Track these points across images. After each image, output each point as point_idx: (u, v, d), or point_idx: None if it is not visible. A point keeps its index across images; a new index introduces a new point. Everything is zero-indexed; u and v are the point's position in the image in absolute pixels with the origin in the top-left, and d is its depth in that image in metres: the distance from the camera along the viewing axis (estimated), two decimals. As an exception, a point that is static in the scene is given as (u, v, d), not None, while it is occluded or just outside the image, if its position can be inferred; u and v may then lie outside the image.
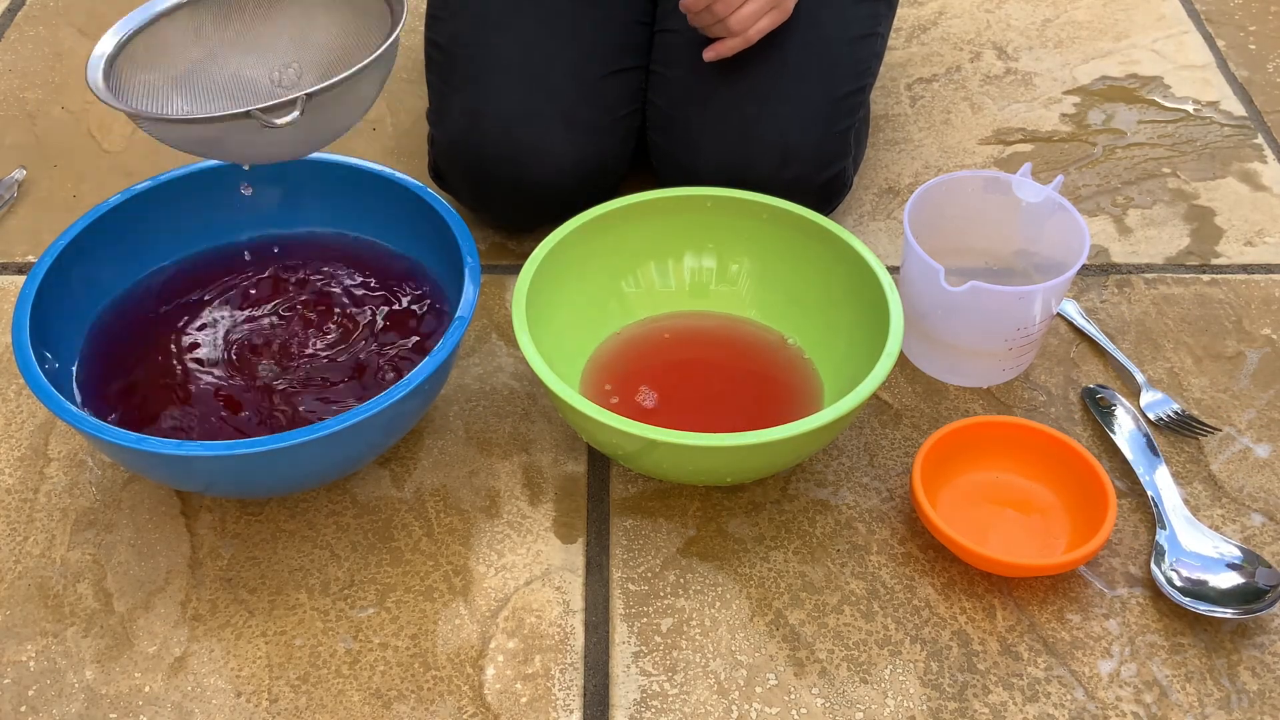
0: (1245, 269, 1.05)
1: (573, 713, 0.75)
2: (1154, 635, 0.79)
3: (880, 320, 0.84)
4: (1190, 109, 1.22)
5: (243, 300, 0.93)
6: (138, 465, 0.80)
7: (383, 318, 0.92)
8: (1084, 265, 1.05)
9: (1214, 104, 1.23)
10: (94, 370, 0.86)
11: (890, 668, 0.77)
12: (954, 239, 0.95)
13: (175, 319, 0.92)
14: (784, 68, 0.97)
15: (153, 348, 0.89)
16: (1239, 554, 0.81)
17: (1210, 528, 0.84)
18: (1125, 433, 0.89)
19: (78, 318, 0.88)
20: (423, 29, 1.07)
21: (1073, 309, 1.00)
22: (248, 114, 0.72)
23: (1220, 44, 1.31)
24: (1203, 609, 0.78)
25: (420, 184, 0.91)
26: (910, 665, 0.77)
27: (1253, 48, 1.31)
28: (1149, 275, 1.04)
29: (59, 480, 0.88)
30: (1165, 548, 0.81)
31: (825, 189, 0.99)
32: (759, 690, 0.76)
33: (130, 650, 0.78)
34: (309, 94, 0.72)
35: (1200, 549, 0.81)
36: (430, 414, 0.92)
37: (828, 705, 0.75)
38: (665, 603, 0.80)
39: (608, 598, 0.81)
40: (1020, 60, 1.29)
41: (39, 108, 1.22)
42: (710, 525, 0.85)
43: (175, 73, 0.83)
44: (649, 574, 0.82)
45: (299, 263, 0.95)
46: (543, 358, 0.80)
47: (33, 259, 1.06)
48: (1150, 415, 0.91)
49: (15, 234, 1.09)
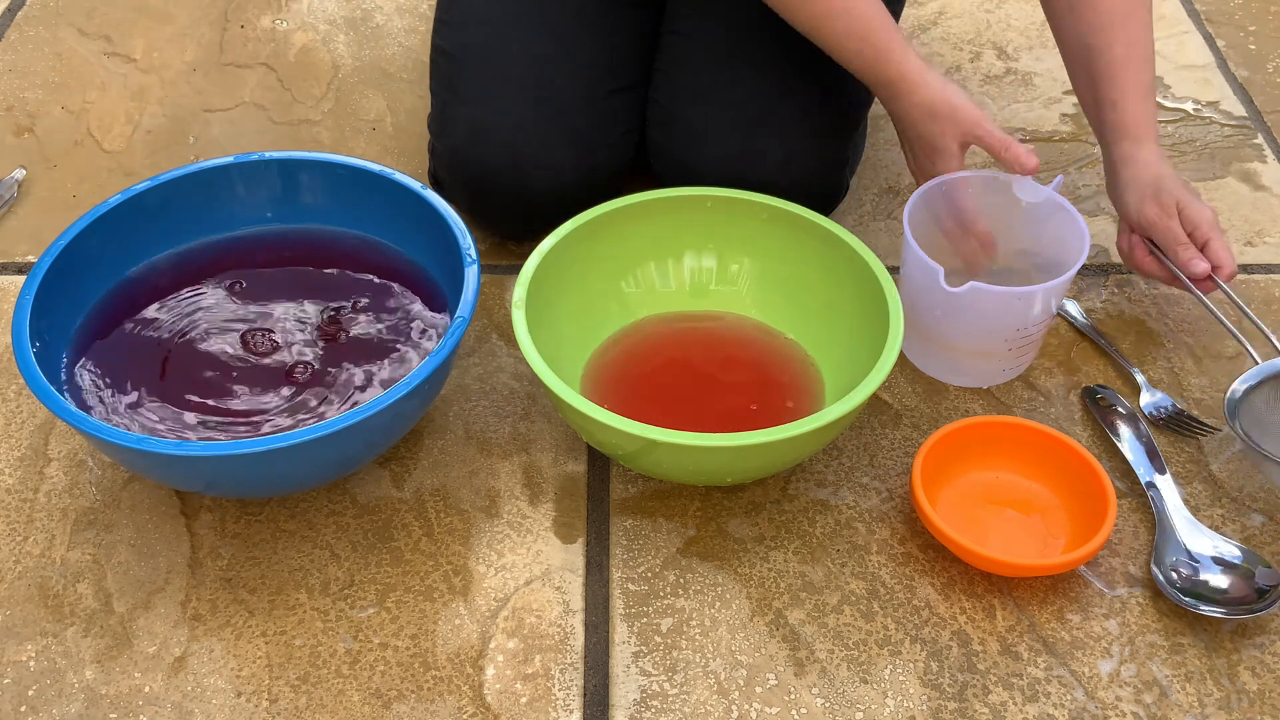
0: (1245, 269, 1.05)
1: (573, 712, 0.75)
2: (1154, 635, 0.79)
3: (880, 320, 0.84)
4: (1190, 109, 1.22)
5: (242, 299, 0.93)
6: (138, 465, 0.80)
7: (382, 317, 0.92)
8: (1084, 265, 1.05)
9: (1214, 104, 1.23)
10: (95, 370, 0.86)
11: (890, 668, 0.77)
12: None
13: (175, 318, 0.91)
14: (791, 73, 0.97)
15: (154, 347, 0.89)
16: (1239, 554, 0.81)
17: (1210, 527, 0.84)
18: (1125, 433, 0.89)
19: (78, 318, 0.88)
20: (427, 31, 1.06)
21: (1073, 309, 1.00)
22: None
23: (1220, 44, 1.31)
24: (1203, 609, 0.78)
25: (420, 184, 0.91)
26: (910, 665, 0.77)
27: (1253, 48, 1.31)
28: (1149, 275, 1.04)
29: (59, 480, 0.88)
30: (1165, 548, 0.81)
31: (823, 194, 0.99)
32: (759, 690, 0.76)
33: (130, 650, 0.78)
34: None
35: (1200, 549, 0.81)
36: (430, 414, 0.92)
37: (828, 705, 0.75)
38: (665, 603, 0.80)
39: (608, 598, 0.81)
40: (1020, 60, 1.29)
41: (39, 108, 1.22)
42: (710, 525, 0.85)
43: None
44: (649, 574, 0.82)
45: (299, 263, 0.95)
46: (543, 358, 0.80)
47: (33, 259, 1.06)
48: (1150, 415, 0.91)
49: (15, 234, 1.09)
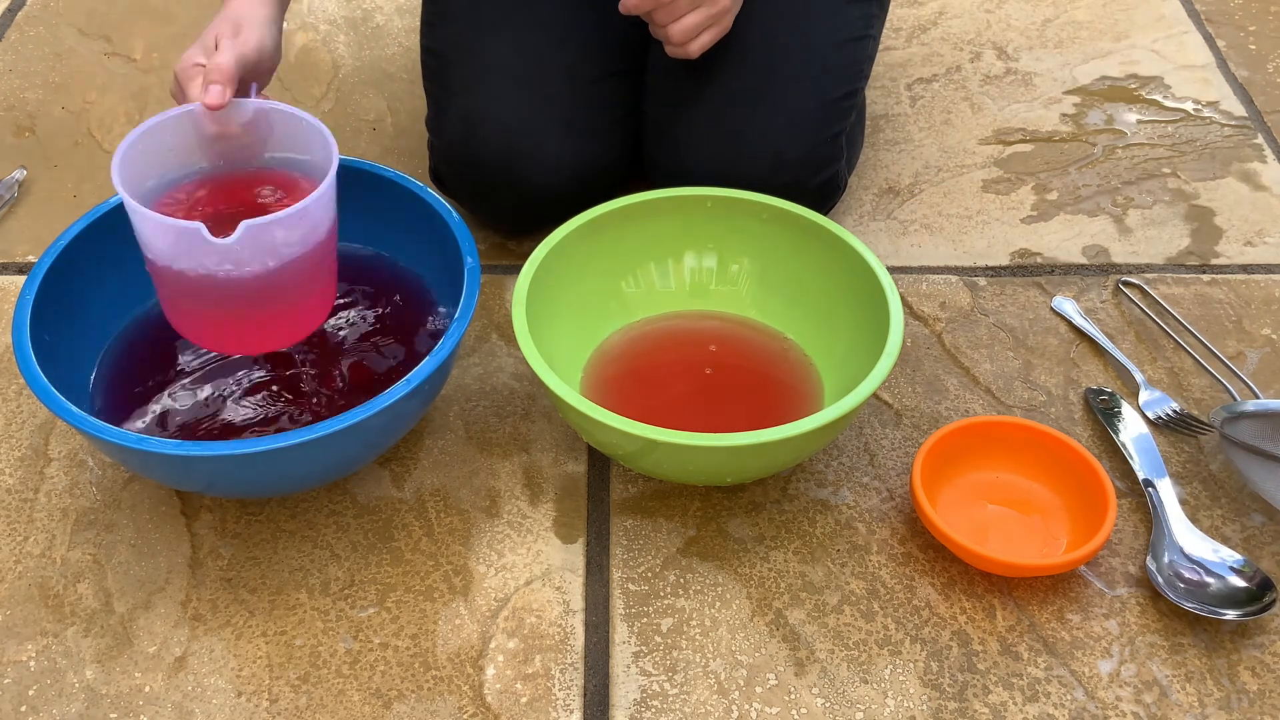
0: (1245, 269, 1.05)
1: (573, 712, 0.75)
2: (1154, 635, 0.79)
3: (880, 320, 0.84)
4: (1190, 109, 1.22)
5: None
6: (138, 465, 0.80)
7: (383, 317, 0.92)
8: (1084, 265, 1.05)
9: (1214, 104, 1.23)
10: (96, 369, 0.87)
11: (890, 667, 0.77)
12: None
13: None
14: (773, 73, 0.97)
15: (155, 347, 0.89)
16: (1238, 555, 0.81)
17: (1210, 528, 0.84)
18: (1125, 433, 0.89)
19: (79, 318, 0.88)
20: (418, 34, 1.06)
21: (1072, 309, 1.00)
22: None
23: (1220, 44, 1.31)
24: (1203, 611, 0.78)
25: (420, 184, 0.91)
26: (910, 665, 0.77)
27: (1253, 48, 1.31)
28: (1149, 275, 1.04)
29: (59, 480, 0.88)
30: (1164, 548, 0.81)
31: (819, 193, 0.99)
32: (759, 690, 0.76)
33: (130, 650, 0.78)
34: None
35: (1199, 550, 0.81)
36: (430, 414, 0.92)
37: (828, 705, 0.75)
38: (665, 603, 0.80)
39: (608, 598, 0.81)
40: (1020, 60, 1.29)
41: (39, 108, 1.22)
42: (710, 525, 0.85)
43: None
44: (649, 574, 0.82)
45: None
46: (543, 358, 0.80)
47: (33, 259, 1.06)
48: (1149, 414, 0.91)
49: (16, 234, 1.09)
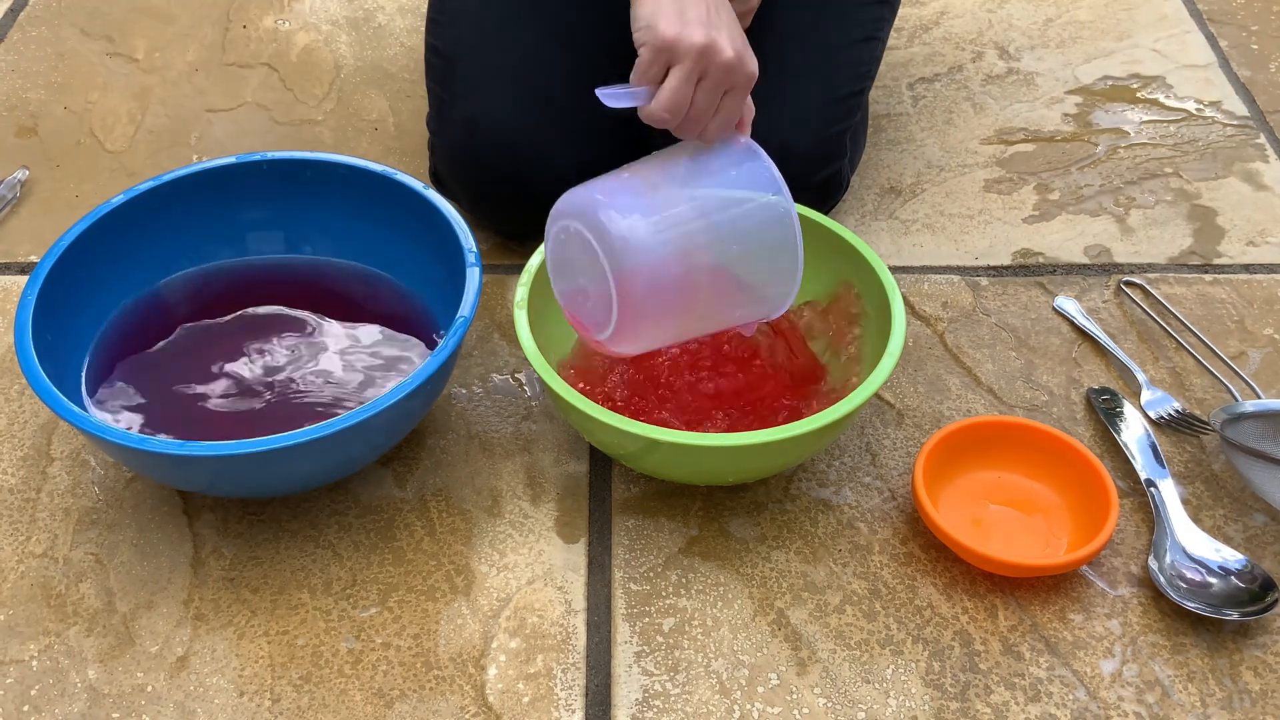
0: (1247, 269, 1.05)
1: (575, 712, 0.75)
2: (1156, 635, 0.79)
3: (882, 320, 0.84)
4: (1192, 109, 1.22)
5: (245, 296, 0.93)
6: (140, 465, 0.80)
7: (383, 317, 0.92)
8: (1086, 265, 1.05)
9: (1216, 104, 1.23)
10: (99, 369, 0.87)
11: (892, 667, 0.77)
12: None
13: (178, 316, 0.92)
14: (782, 70, 0.97)
15: (157, 346, 0.89)
16: (1241, 555, 0.81)
17: (1212, 528, 0.84)
18: (1127, 432, 0.89)
19: (81, 318, 0.88)
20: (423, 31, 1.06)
21: (1074, 308, 1.00)
22: None
23: (1223, 44, 1.31)
24: (1205, 611, 0.77)
25: (422, 183, 0.91)
26: (912, 665, 0.77)
27: (1255, 47, 1.31)
28: (1151, 275, 1.04)
29: (62, 480, 0.88)
30: (1166, 548, 0.81)
31: (821, 190, 0.99)
32: (761, 690, 0.76)
33: (133, 649, 0.78)
34: None
35: (1201, 550, 0.81)
36: (432, 414, 0.92)
37: (829, 705, 0.75)
38: (667, 602, 0.80)
39: (610, 597, 0.81)
40: (1022, 60, 1.29)
41: (41, 108, 1.22)
42: (712, 525, 0.85)
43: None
44: (651, 573, 0.82)
45: (299, 260, 0.96)
46: (544, 357, 0.80)
47: (35, 259, 1.06)
48: (1151, 414, 0.91)
49: (18, 234, 1.09)
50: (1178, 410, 0.91)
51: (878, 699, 0.75)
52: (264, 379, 0.87)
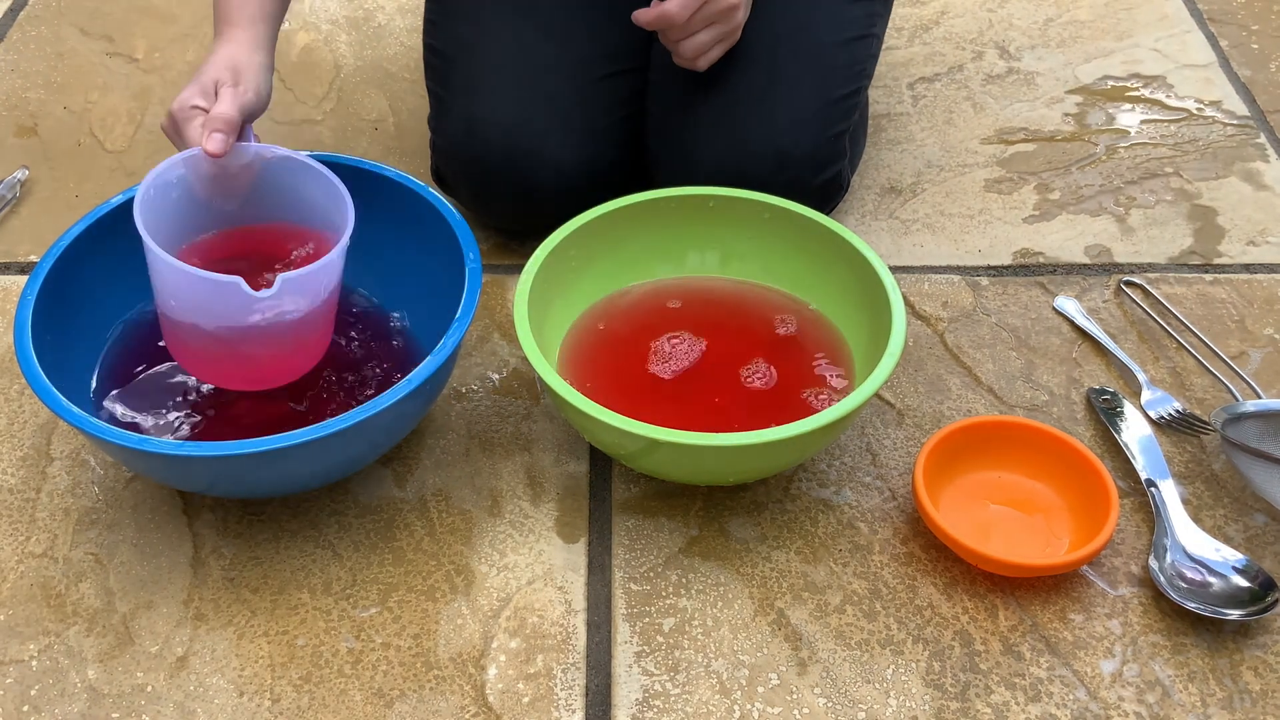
0: (1248, 268, 1.05)
1: (575, 712, 0.75)
2: (1156, 635, 0.78)
3: (882, 320, 0.84)
4: (1193, 108, 1.22)
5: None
6: (139, 466, 0.80)
7: (383, 317, 0.92)
8: (1086, 265, 1.05)
9: (1216, 103, 1.23)
10: (100, 369, 0.87)
11: (892, 667, 0.77)
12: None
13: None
14: (777, 72, 0.97)
15: (158, 345, 0.89)
16: (1241, 555, 0.81)
17: (1213, 527, 0.84)
18: (1127, 432, 0.89)
19: (81, 318, 0.88)
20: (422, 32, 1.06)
21: (1074, 308, 1.00)
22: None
23: (1223, 43, 1.31)
24: (1205, 611, 0.77)
25: (422, 183, 0.91)
26: (912, 665, 0.77)
27: (1255, 47, 1.31)
28: (1151, 275, 1.04)
29: (61, 480, 0.88)
30: (1167, 548, 0.81)
31: (822, 191, 0.99)
32: (761, 690, 0.76)
33: (132, 649, 0.78)
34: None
35: (1202, 550, 0.81)
36: (432, 414, 0.92)
37: (830, 705, 0.75)
38: (667, 602, 0.80)
39: (610, 597, 0.81)
40: (1022, 59, 1.29)
41: (41, 108, 1.22)
42: (712, 525, 0.85)
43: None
44: (651, 573, 0.82)
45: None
46: (544, 357, 0.80)
47: (35, 259, 1.06)
48: (1152, 414, 0.91)
49: (18, 234, 1.09)
50: (1178, 410, 0.91)
51: (878, 699, 0.75)
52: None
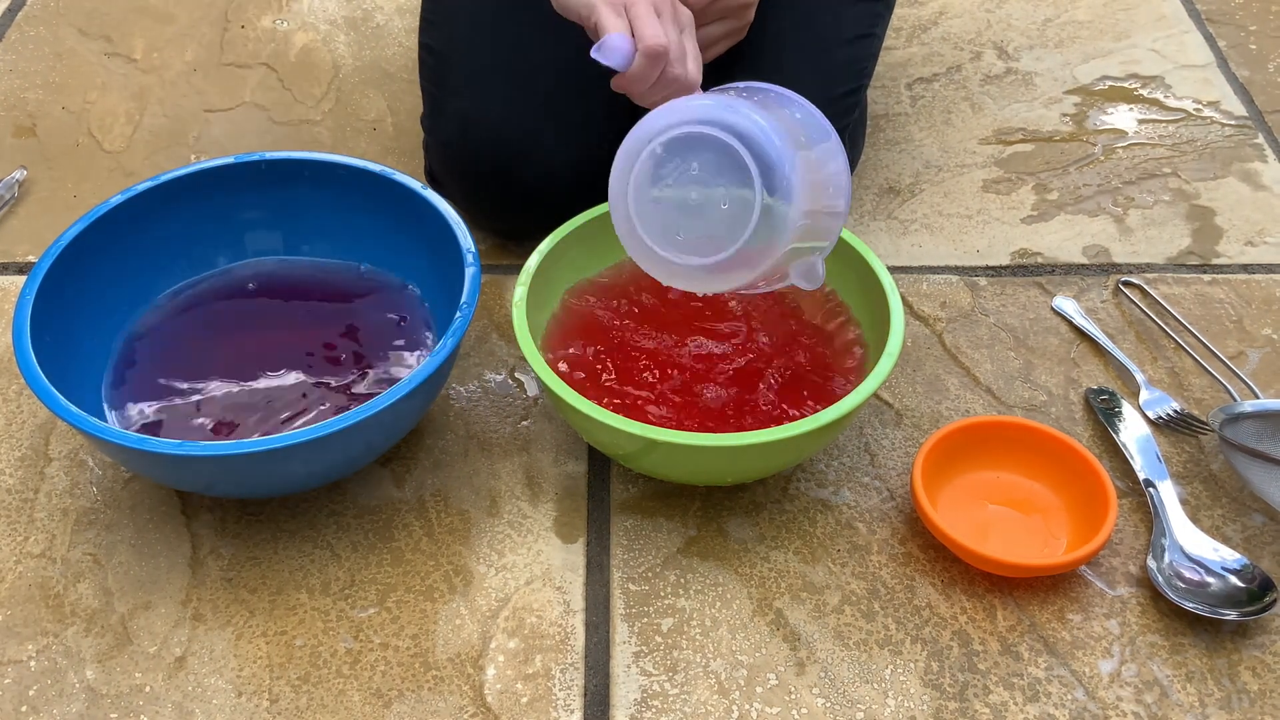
0: (1246, 269, 1.05)
1: (573, 713, 0.75)
2: (1155, 635, 0.79)
3: (881, 320, 0.84)
4: (1191, 109, 1.22)
5: (244, 295, 0.93)
6: (138, 465, 0.80)
7: (382, 316, 0.92)
8: (1085, 265, 1.05)
9: (1215, 104, 1.23)
10: (99, 368, 0.87)
11: (891, 668, 0.77)
12: None
13: (179, 315, 0.92)
14: (777, 69, 0.97)
15: (158, 345, 0.89)
16: (1239, 555, 0.81)
17: (1211, 528, 0.84)
18: (1125, 432, 0.89)
19: (79, 318, 0.88)
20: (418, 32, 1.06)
21: (1072, 308, 1.00)
22: None
23: (1221, 44, 1.31)
24: (1203, 611, 0.77)
25: (420, 183, 0.91)
26: (911, 665, 0.77)
27: (1254, 47, 1.31)
28: (1150, 275, 1.04)
29: (59, 480, 0.88)
30: (1165, 548, 0.81)
31: None
32: (759, 690, 0.76)
33: (131, 649, 0.78)
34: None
35: (1200, 550, 0.81)
36: (430, 414, 0.92)
37: (828, 705, 0.75)
38: (666, 602, 0.80)
39: (608, 597, 0.81)
40: (1021, 60, 1.29)
41: (39, 108, 1.22)
42: (711, 525, 0.85)
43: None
44: (649, 574, 0.82)
45: (299, 260, 0.96)
46: (542, 357, 0.80)
47: (33, 259, 1.06)
48: (1150, 414, 0.91)
49: (16, 234, 1.09)
50: (1176, 410, 0.91)
51: (876, 699, 0.75)
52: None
